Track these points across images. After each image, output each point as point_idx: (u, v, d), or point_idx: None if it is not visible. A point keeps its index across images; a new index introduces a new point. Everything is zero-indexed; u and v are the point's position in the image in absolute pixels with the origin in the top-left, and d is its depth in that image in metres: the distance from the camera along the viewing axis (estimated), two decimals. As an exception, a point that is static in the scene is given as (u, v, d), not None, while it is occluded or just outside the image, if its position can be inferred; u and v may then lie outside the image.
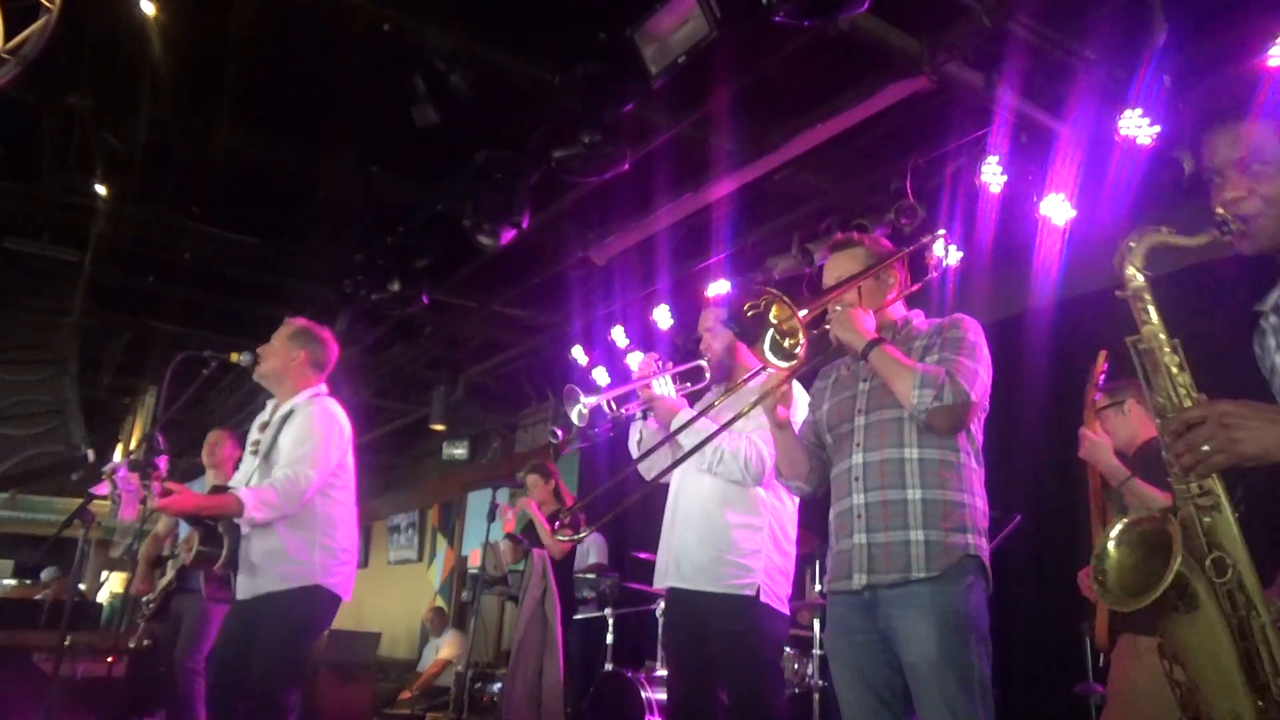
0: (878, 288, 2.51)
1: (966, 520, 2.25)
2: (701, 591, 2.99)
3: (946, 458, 2.29)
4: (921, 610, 2.17)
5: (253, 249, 6.47)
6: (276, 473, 3.24)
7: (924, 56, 3.77)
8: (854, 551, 2.30)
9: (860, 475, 2.34)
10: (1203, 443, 1.39)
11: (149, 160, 5.27)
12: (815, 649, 4.39)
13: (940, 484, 2.26)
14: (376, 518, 13.64)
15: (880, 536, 2.26)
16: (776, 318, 2.15)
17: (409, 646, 10.71)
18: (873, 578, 2.25)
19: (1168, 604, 1.49)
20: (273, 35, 4.24)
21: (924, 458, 2.28)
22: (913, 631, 2.16)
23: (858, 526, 2.31)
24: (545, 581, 4.91)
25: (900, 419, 2.32)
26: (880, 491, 2.29)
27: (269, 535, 3.25)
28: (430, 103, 4.27)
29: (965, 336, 2.35)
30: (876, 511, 2.29)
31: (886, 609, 2.22)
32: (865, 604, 2.27)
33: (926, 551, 2.20)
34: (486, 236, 5.01)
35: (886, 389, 2.33)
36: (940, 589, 2.18)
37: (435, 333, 7.83)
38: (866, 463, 2.34)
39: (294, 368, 3.49)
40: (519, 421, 10.09)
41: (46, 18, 3.16)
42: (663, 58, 3.79)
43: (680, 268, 5.94)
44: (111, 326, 8.19)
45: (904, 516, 2.25)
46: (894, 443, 2.31)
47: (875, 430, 2.35)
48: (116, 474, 3.68)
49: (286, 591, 3.23)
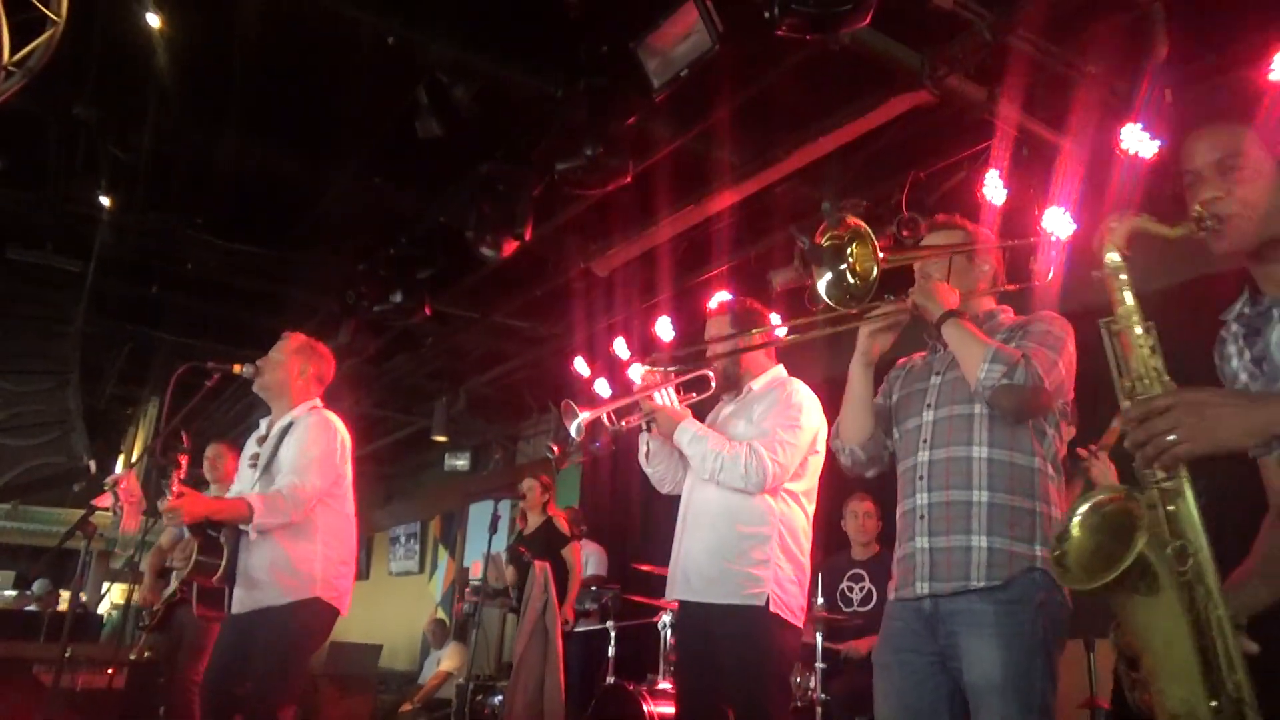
0: (970, 271, 2.41)
1: (1036, 529, 2.11)
2: (711, 604, 2.93)
3: (1018, 460, 2.16)
4: (987, 631, 2.06)
5: (255, 259, 6.48)
6: (280, 481, 3.25)
7: (925, 70, 3.78)
8: (916, 556, 2.20)
9: (925, 474, 2.23)
10: (1167, 431, 1.34)
11: (153, 171, 5.30)
12: (817, 661, 4.37)
13: (1009, 488, 2.13)
14: (378, 529, 13.61)
15: (942, 541, 2.15)
16: (855, 254, 2.04)
17: (410, 658, 10.68)
18: (934, 585, 2.14)
19: (1128, 584, 1.44)
20: (277, 47, 4.26)
21: (994, 458, 2.16)
22: (976, 651, 2.06)
23: (920, 529, 2.21)
24: (546, 594, 4.91)
25: (970, 415, 2.21)
26: (945, 492, 2.18)
27: (269, 546, 3.25)
28: (433, 115, 4.29)
29: (1050, 330, 2.24)
30: (939, 514, 2.17)
31: (950, 625, 2.11)
32: (926, 617, 2.16)
33: (989, 559, 2.08)
34: (489, 248, 5.01)
35: (959, 384, 2.23)
36: (1008, 609, 2.06)
37: (437, 344, 7.83)
38: (933, 460, 2.23)
39: (298, 382, 3.51)
40: (520, 433, 10.09)
41: (53, 30, 3.18)
42: (665, 71, 3.80)
43: (682, 280, 5.94)
44: (114, 336, 8.21)
45: (967, 520, 2.13)
46: (962, 440, 2.20)
47: (944, 426, 2.24)
48: (119, 485, 3.69)
49: (286, 605, 3.22)
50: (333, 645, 8.90)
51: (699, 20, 3.58)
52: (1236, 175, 1.53)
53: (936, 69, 3.76)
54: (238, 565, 3.27)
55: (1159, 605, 1.44)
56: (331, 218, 5.92)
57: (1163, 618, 1.44)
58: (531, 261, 6.03)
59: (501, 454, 10.32)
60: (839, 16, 3.17)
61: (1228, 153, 1.54)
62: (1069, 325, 2.28)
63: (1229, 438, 1.33)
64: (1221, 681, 1.39)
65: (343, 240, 6.20)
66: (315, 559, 3.30)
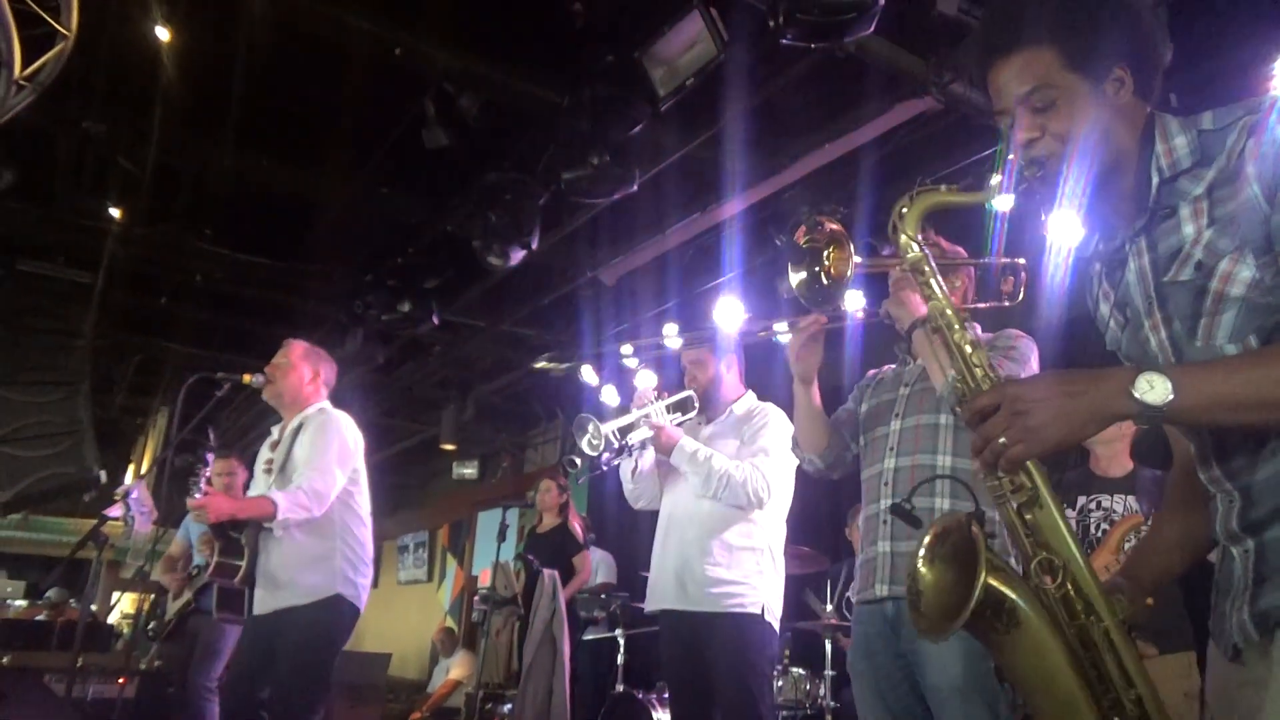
0: None
1: (998, 537, 2.17)
2: (706, 613, 3.03)
3: None
4: None
5: (263, 270, 6.51)
6: (299, 478, 3.27)
7: (930, 77, 3.78)
8: (878, 560, 2.28)
9: (890, 480, 2.31)
10: (999, 434, 1.18)
11: (161, 183, 5.32)
12: (827, 669, 4.36)
13: (971, 498, 2.19)
14: (386, 538, 13.62)
15: (903, 545, 2.22)
16: (831, 256, 2.10)
17: (419, 667, 10.68)
18: (893, 588, 2.21)
19: (986, 624, 1.26)
20: (283, 59, 4.29)
21: (958, 466, 2.24)
22: (936, 655, 2.11)
23: (882, 533, 2.28)
24: (554, 603, 4.90)
25: (936, 425, 2.29)
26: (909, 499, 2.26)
27: (291, 545, 3.29)
28: (440, 125, 4.32)
29: (1015, 345, 2.34)
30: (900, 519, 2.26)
31: (911, 630, 2.17)
32: (889, 621, 2.24)
33: None
34: (496, 257, 5.03)
35: (927, 394, 2.31)
36: None
37: (445, 352, 7.85)
38: (898, 468, 2.31)
39: (308, 387, 3.57)
40: (528, 441, 10.10)
41: (63, 44, 3.20)
42: (671, 80, 3.82)
43: (690, 287, 5.95)
44: (123, 347, 8.24)
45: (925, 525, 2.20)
46: (928, 449, 2.28)
47: (910, 435, 2.33)
48: (129, 495, 3.71)
49: (309, 604, 3.26)
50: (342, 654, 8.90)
51: (704, 29, 3.59)
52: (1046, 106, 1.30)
53: (942, 75, 3.76)
54: (259, 566, 3.30)
55: (1025, 639, 1.25)
56: (339, 228, 5.94)
57: (1035, 653, 1.25)
58: (539, 270, 6.04)
59: (509, 462, 10.33)
60: (843, 24, 3.18)
61: (1035, 81, 1.30)
62: (1034, 343, 2.36)
63: (1060, 435, 1.17)
64: (1119, 703, 1.22)
65: (350, 250, 6.22)
66: (336, 556, 3.36)
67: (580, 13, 3.89)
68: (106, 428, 9.53)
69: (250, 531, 3.29)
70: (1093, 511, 3.48)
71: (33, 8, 3.01)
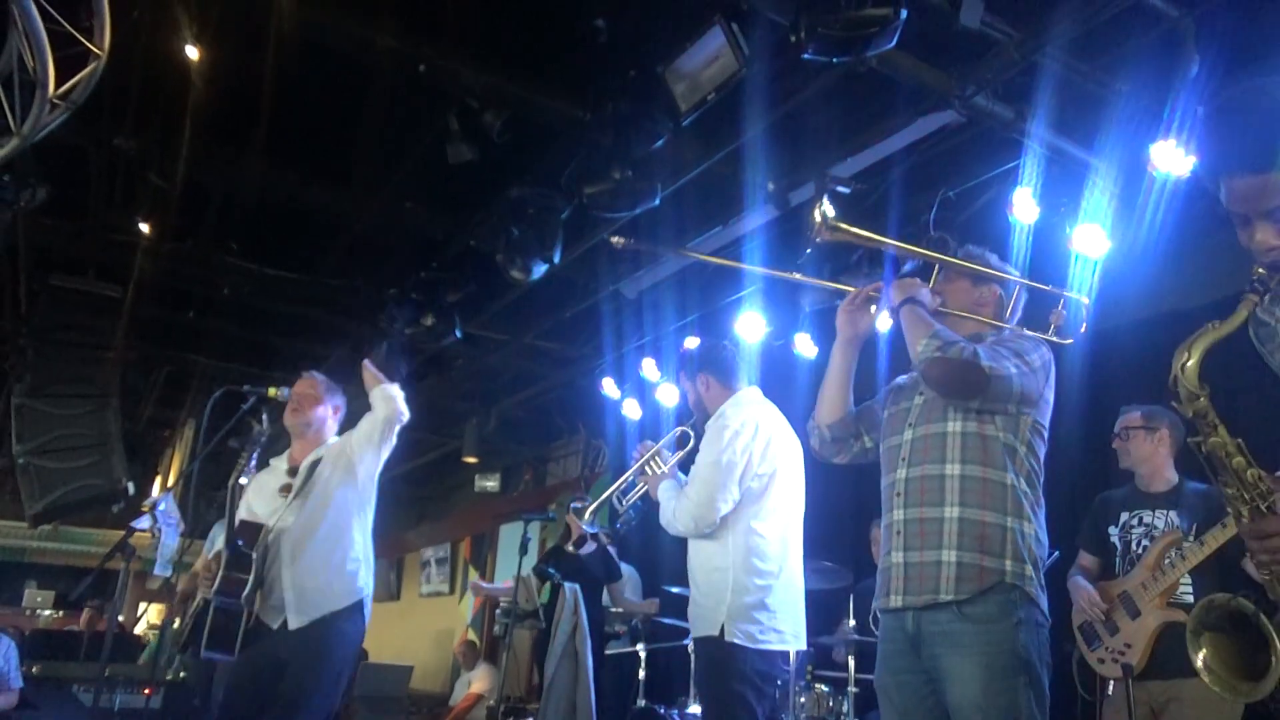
0: (970, 293, 2.52)
1: (1008, 545, 2.16)
2: (694, 637, 3.21)
3: (991, 476, 2.22)
4: (966, 650, 2.10)
5: (289, 284, 6.58)
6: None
7: (953, 90, 3.77)
8: (892, 570, 2.28)
9: (902, 490, 2.31)
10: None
11: (190, 199, 5.40)
12: (850, 685, 4.33)
13: (981, 504, 2.20)
14: (409, 550, 13.67)
15: (915, 555, 2.22)
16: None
17: (440, 680, 10.68)
18: (907, 599, 2.21)
19: None
20: (310, 76, 4.34)
21: (966, 474, 2.23)
22: (957, 672, 2.10)
23: (896, 544, 2.28)
24: (576, 617, 4.90)
25: (945, 433, 2.28)
26: (919, 509, 2.25)
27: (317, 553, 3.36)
28: (464, 140, 4.35)
29: (1021, 338, 2.35)
30: (914, 529, 2.25)
31: (931, 647, 2.17)
32: (910, 637, 2.22)
33: (957, 573, 2.14)
34: (519, 271, 5.06)
35: (936, 403, 2.32)
36: (986, 629, 2.10)
37: (468, 366, 7.89)
38: (909, 478, 2.31)
39: (330, 422, 3.66)
40: (550, 454, 10.11)
41: (95, 64, 3.26)
42: (693, 95, 3.83)
43: (711, 301, 5.95)
44: (151, 361, 8.35)
45: (939, 535, 2.20)
46: (937, 458, 2.28)
47: (921, 444, 2.32)
48: (156, 507, 3.75)
49: (344, 609, 3.35)
50: (364, 666, 8.92)
51: (725, 44, 3.61)
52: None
53: (965, 88, 3.75)
54: (284, 581, 3.33)
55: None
56: (364, 242, 6.01)
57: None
58: (561, 283, 6.07)
59: (531, 475, 10.34)
60: (865, 39, 3.18)
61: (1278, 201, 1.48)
62: (1045, 347, 2.36)
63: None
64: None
65: (375, 264, 6.28)
66: (358, 562, 3.45)
67: (602, 29, 3.92)
68: (134, 440, 9.64)
69: (263, 547, 3.33)
70: (1134, 527, 3.44)
71: (67, 28, 3.08)
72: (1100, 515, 3.58)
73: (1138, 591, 3.30)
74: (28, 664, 5.79)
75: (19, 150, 3.45)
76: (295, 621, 3.31)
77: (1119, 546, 3.46)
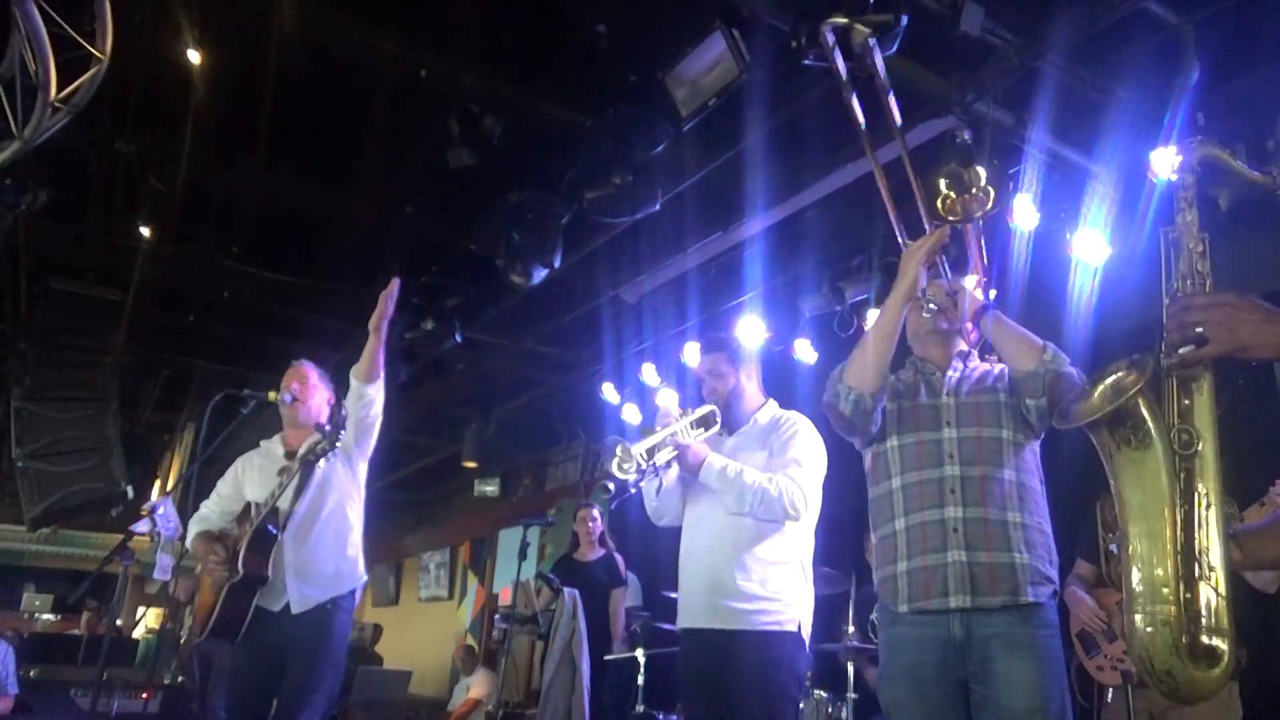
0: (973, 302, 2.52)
1: (1051, 551, 2.25)
2: (736, 631, 2.91)
3: (1032, 484, 2.29)
4: (1027, 653, 2.11)
5: (289, 288, 6.58)
6: None
7: (954, 96, 3.78)
8: (950, 569, 2.20)
9: (957, 488, 2.26)
10: (1196, 326, 1.39)
11: (190, 203, 5.40)
12: (849, 692, 4.32)
13: (1035, 511, 2.26)
14: (408, 555, 13.65)
15: (982, 555, 2.18)
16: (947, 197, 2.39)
17: (439, 685, 10.66)
18: (977, 599, 2.15)
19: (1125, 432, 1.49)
20: (311, 80, 4.35)
21: (1020, 481, 2.27)
22: (1016, 675, 2.09)
23: (954, 542, 2.21)
24: (574, 623, 4.89)
25: (1000, 439, 2.29)
26: (982, 509, 2.23)
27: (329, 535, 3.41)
28: (464, 145, 4.36)
29: None
30: (977, 529, 2.21)
31: (985, 650, 2.13)
32: (955, 645, 2.16)
33: (1031, 576, 2.17)
34: (519, 275, 5.06)
35: (985, 408, 2.33)
36: (1044, 634, 2.15)
37: (467, 370, 7.88)
38: (965, 476, 2.26)
39: (324, 408, 3.66)
40: (550, 459, 10.10)
41: (97, 68, 3.27)
42: (693, 100, 3.84)
43: (711, 306, 5.95)
44: (151, 364, 8.34)
45: (1007, 538, 2.20)
46: (994, 461, 2.27)
47: (973, 445, 2.30)
48: (155, 511, 3.74)
49: (347, 594, 3.39)
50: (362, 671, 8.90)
51: (726, 50, 3.61)
52: None
53: (965, 94, 3.76)
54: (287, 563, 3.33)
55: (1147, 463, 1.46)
56: (364, 246, 6.00)
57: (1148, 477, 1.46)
58: (561, 288, 6.06)
59: (530, 480, 10.34)
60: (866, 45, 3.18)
61: None
62: None
63: (1253, 344, 1.37)
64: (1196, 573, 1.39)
65: (375, 268, 6.27)
66: (358, 547, 3.49)
67: (604, 34, 3.92)
68: (134, 443, 9.61)
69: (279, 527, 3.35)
70: None
71: (69, 32, 3.08)
72: (1097, 523, 3.58)
73: None
74: (25, 668, 5.78)
75: (20, 153, 3.46)
76: (298, 606, 3.30)
77: (1117, 555, 3.46)
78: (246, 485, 3.57)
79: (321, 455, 3.29)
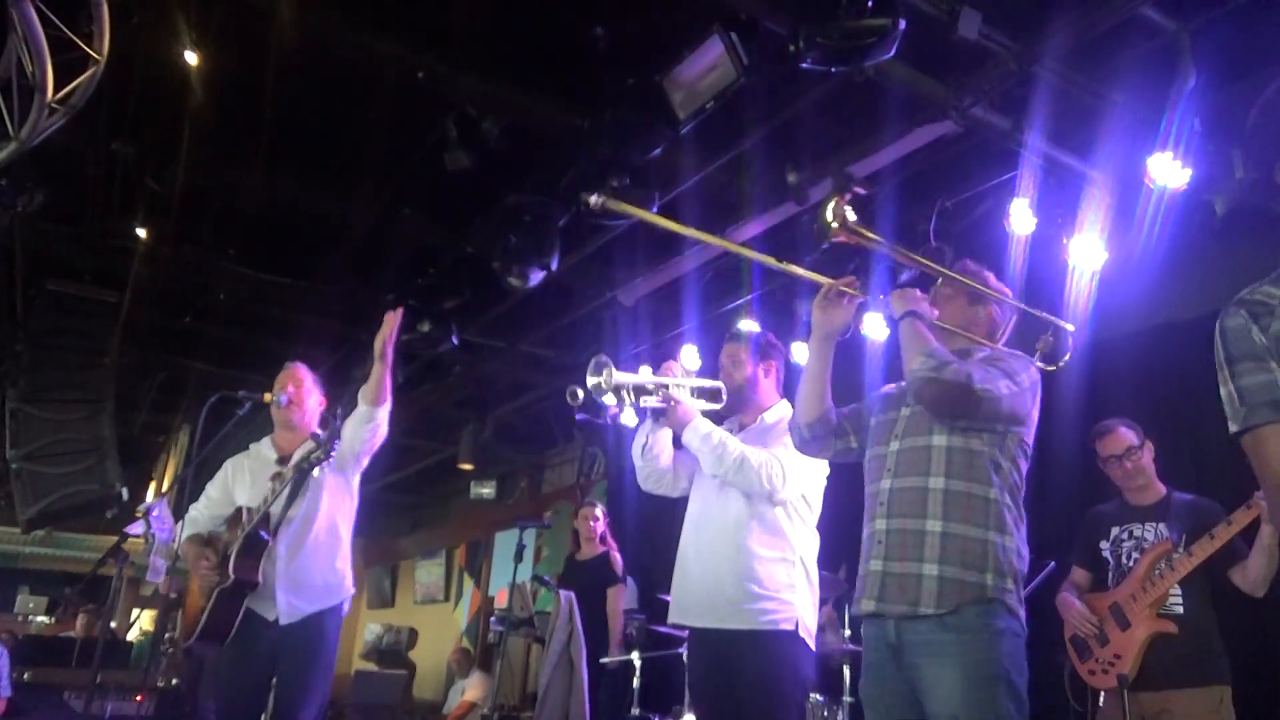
0: (966, 311, 2.52)
1: (989, 559, 2.18)
2: (736, 630, 2.89)
3: (974, 491, 2.24)
4: (946, 660, 2.12)
5: (286, 290, 6.57)
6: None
7: (951, 100, 3.78)
8: (869, 578, 2.30)
9: (885, 500, 2.33)
10: None
11: (187, 204, 5.40)
12: (845, 695, 4.32)
13: (965, 518, 2.21)
14: (404, 557, 13.63)
15: (895, 566, 2.24)
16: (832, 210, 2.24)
17: (435, 688, 10.65)
18: (881, 605, 2.24)
19: None
20: (308, 83, 4.35)
21: (950, 489, 2.24)
22: (937, 682, 2.12)
23: (877, 552, 2.30)
24: (571, 625, 4.89)
25: (929, 446, 2.30)
26: (901, 520, 2.27)
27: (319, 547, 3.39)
28: (462, 147, 4.36)
29: (1013, 360, 2.36)
30: (896, 540, 2.27)
31: (912, 657, 2.18)
32: (891, 646, 2.23)
33: (938, 588, 2.16)
34: (516, 278, 5.05)
35: (924, 417, 2.33)
36: (965, 639, 2.12)
37: (464, 372, 7.88)
38: (893, 488, 2.32)
39: (317, 412, 3.68)
40: (546, 461, 10.10)
41: (94, 69, 3.27)
42: (691, 103, 3.84)
43: (708, 309, 5.95)
44: (147, 366, 8.32)
45: (920, 548, 2.21)
46: (921, 471, 2.29)
47: (907, 457, 2.34)
48: (150, 513, 3.74)
49: (335, 607, 3.40)
50: (358, 674, 8.90)
51: (724, 53, 3.62)
52: None
53: (962, 99, 3.76)
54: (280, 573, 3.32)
55: None
56: (361, 249, 6.00)
57: None
58: (558, 291, 6.07)
59: (527, 482, 10.33)
60: (863, 49, 3.19)
61: None
62: (1036, 369, 2.38)
63: None
64: None
65: (372, 271, 6.27)
66: (346, 560, 3.48)
67: (601, 37, 3.93)
68: (129, 445, 9.60)
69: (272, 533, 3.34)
70: (1124, 541, 3.45)
71: (66, 33, 3.08)
72: (1092, 530, 3.58)
73: (1127, 603, 3.30)
74: (18, 670, 5.75)
75: (17, 154, 3.46)
76: (287, 618, 3.29)
77: (1110, 561, 3.47)
78: (236, 488, 3.55)
79: (316, 464, 3.27)
